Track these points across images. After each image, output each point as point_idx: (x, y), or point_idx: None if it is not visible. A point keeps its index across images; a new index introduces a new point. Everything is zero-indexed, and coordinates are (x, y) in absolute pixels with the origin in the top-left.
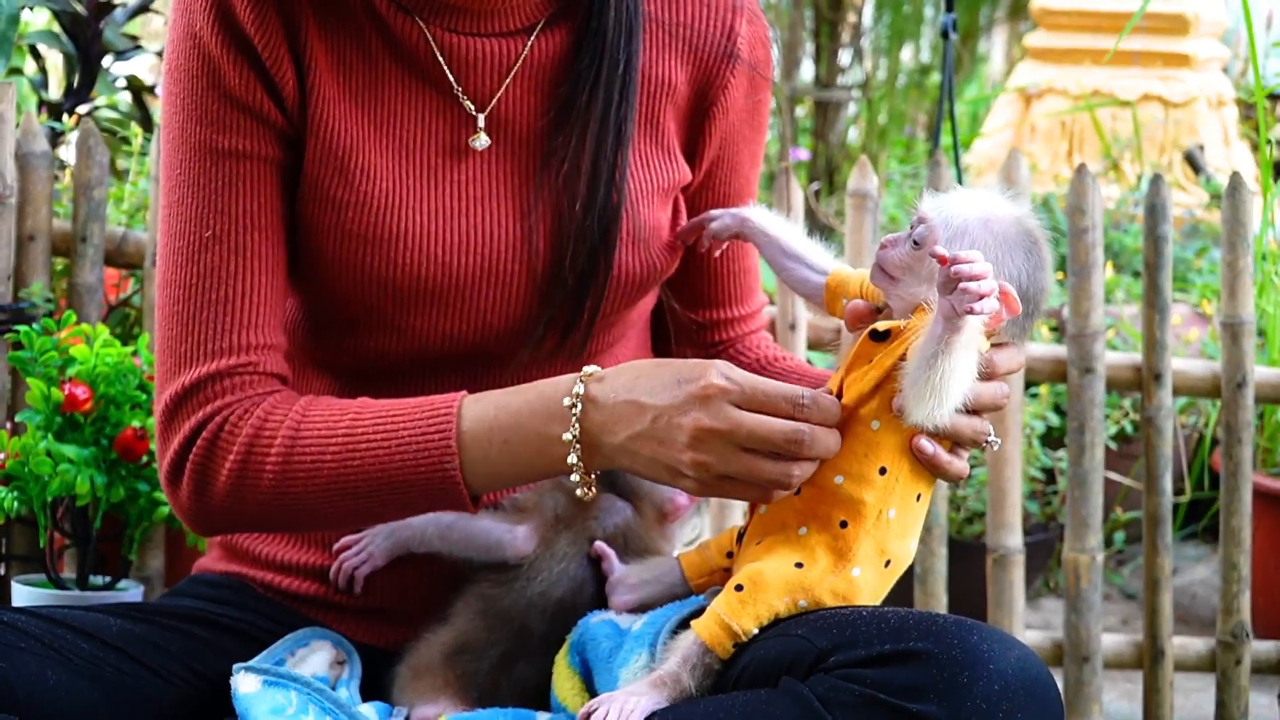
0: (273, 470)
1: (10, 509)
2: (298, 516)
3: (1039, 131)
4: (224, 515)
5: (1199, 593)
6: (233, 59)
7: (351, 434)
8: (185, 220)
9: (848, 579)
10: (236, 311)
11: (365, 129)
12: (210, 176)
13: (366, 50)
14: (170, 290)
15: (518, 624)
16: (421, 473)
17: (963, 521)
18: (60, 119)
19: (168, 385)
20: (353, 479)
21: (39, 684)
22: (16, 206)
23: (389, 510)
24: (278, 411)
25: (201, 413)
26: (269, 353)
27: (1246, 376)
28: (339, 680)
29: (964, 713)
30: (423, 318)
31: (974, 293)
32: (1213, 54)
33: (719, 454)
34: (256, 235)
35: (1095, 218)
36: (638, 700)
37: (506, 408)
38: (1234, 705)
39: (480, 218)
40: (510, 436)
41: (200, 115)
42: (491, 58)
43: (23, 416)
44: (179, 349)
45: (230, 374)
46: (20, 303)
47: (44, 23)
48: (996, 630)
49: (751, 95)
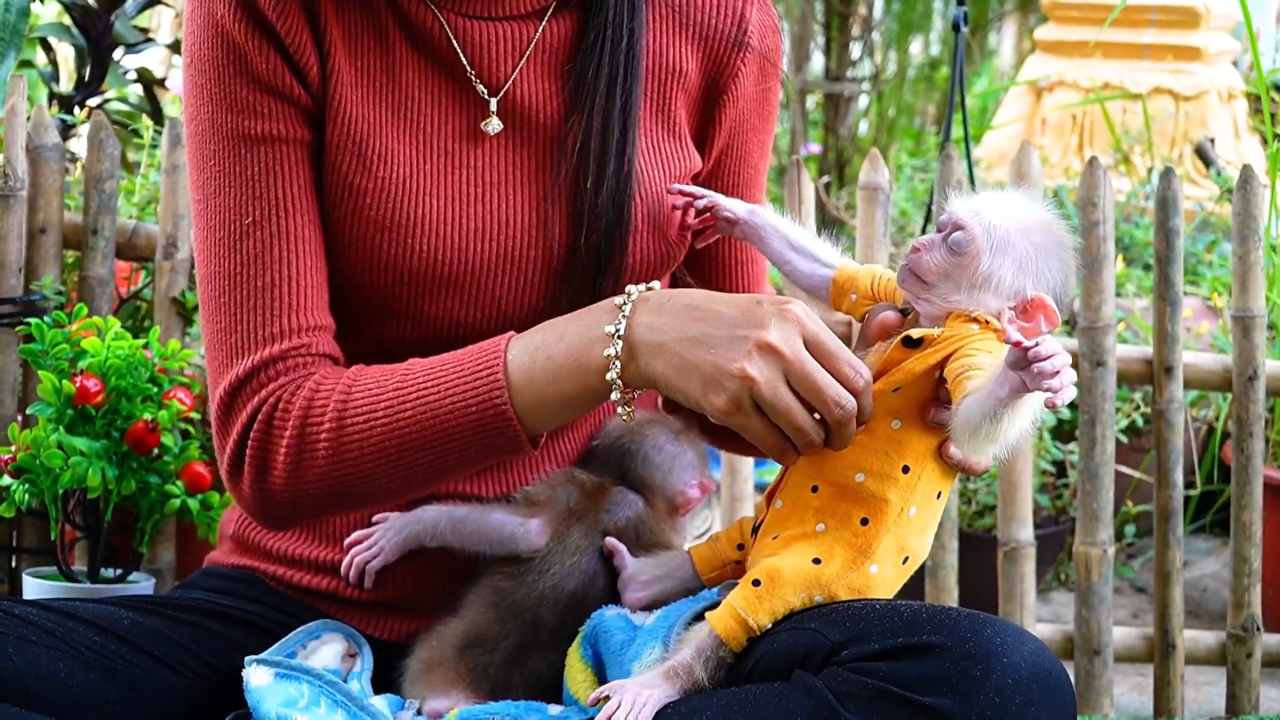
0: (327, 440)
1: (22, 501)
2: (357, 486)
3: (1049, 124)
4: (287, 499)
5: (1210, 586)
6: (257, 43)
7: (401, 388)
8: (224, 210)
9: (865, 575)
10: (285, 295)
11: (382, 114)
12: (246, 164)
13: (382, 34)
14: (214, 283)
15: (530, 617)
16: (472, 413)
17: (974, 515)
18: (71, 112)
19: (221, 378)
20: (406, 433)
21: (50, 676)
22: (28, 199)
23: (446, 464)
24: (327, 383)
25: (256, 399)
26: (320, 334)
27: (1258, 370)
28: (350, 673)
29: (977, 706)
30: (439, 305)
31: (1048, 373)
32: (1223, 47)
33: (768, 379)
34: (299, 218)
35: (1106, 211)
36: (650, 692)
37: (553, 326)
38: (1245, 698)
39: (497, 204)
40: (553, 350)
41: (230, 103)
42: (505, 42)
43: (34, 409)
44: (229, 340)
45: (284, 358)
46: (31, 295)
47: (54, 15)
48: (1010, 624)
49: (761, 83)
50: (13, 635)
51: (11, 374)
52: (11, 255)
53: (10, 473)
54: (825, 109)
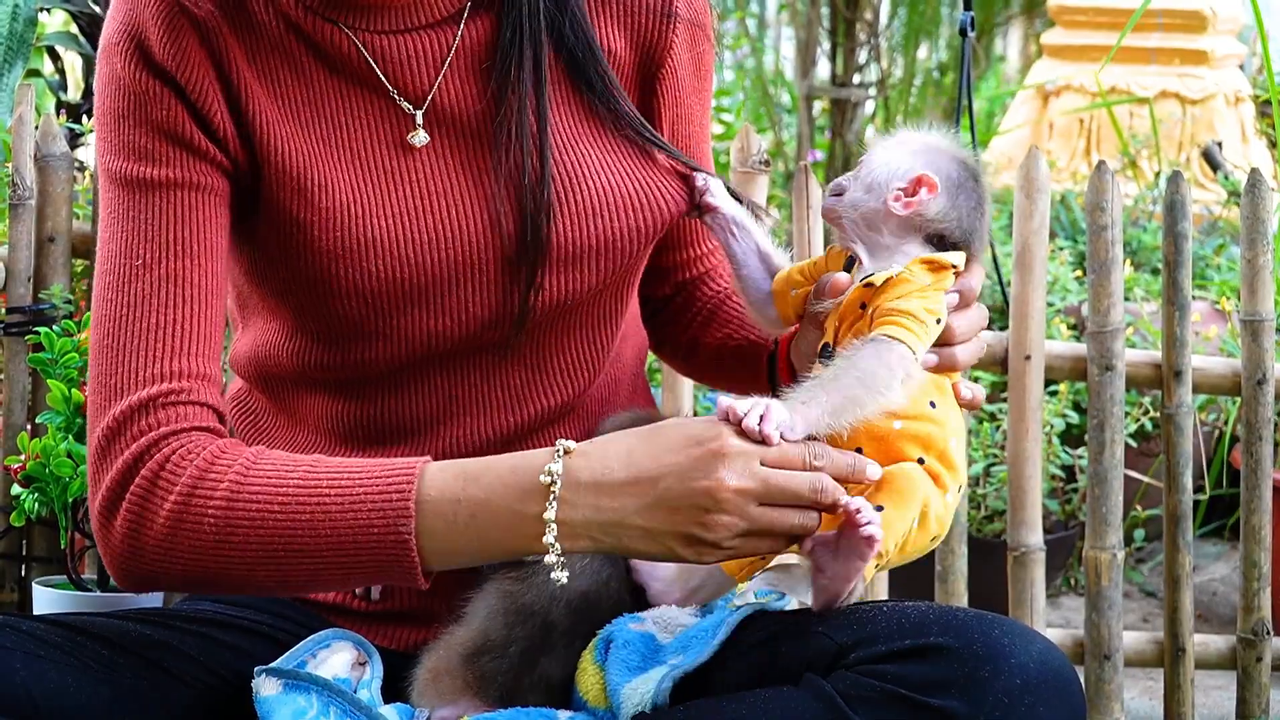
0: (214, 518)
1: (31, 510)
2: (233, 573)
3: (1057, 129)
4: (157, 560)
5: (1219, 590)
6: (155, 93)
7: (304, 485)
8: (115, 254)
9: (945, 504)
10: (167, 339)
11: (314, 145)
12: (140, 208)
13: (299, 68)
14: (101, 326)
15: (540, 619)
16: (374, 533)
17: (983, 520)
18: (79, 121)
19: (99, 419)
20: (300, 534)
21: (59, 691)
22: (36, 208)
23: (332, 575)
24: (226, 456)
25: (136, 445)
26: (202, 382)
27: (1267, 373)
28: (360, 682)
29: (986, 706)
30: (406, 320)
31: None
32: (1230, 51)
33: (743, 512)
34: (187, 262)
35: (1114, 215)
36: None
37: (477, 480)
38: (1255, 702)
39: (445, 211)
40: (478, 511)
41: (128, 151)
42: (424, 52)
43: (43, 418)
44: (110, 381)
45: (162, 401)
46: (40, 304)
47: (61, 24)
48: (1017, 623)
49: (694, 48)
50: (20, 650)
51: (21, 383)
52: (20, 264)
53: (20, 482)
54: (832, 114)
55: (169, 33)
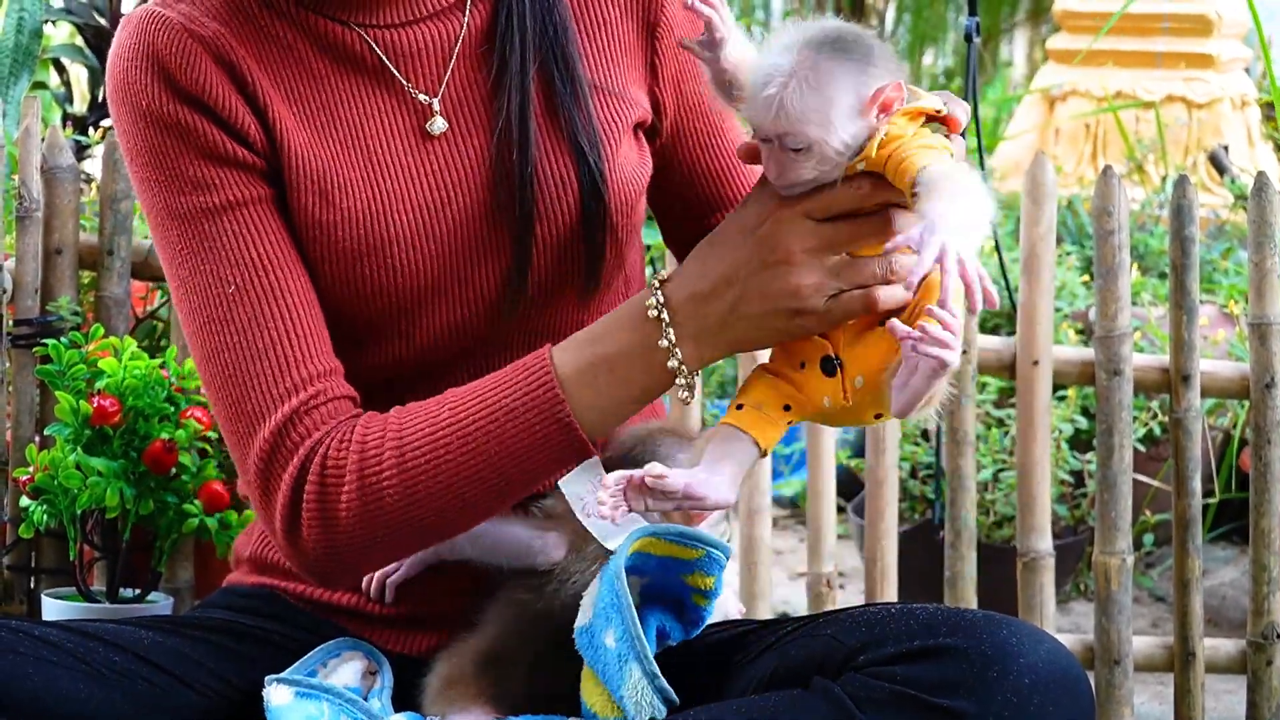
0: (392, 483)
1: (40, 522)
2: (429, 523)
3: (1063, 134)
4: (357, 550)
5: (1229, 594)
6: (190, 121)
7: (456, 421)
8: (203, 288)
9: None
10: (286, 351)
11: (331, 147)
12: (213, 237)
13: (311, 72)
14: (215, 360)
15: (551, 628)
16: (538, 431)
17: (992, 525)
18: (85, 133)
19: (248, 448)
20: (473, 463)
21: (71, 697)
22: (43, 220)
23: (514, 484)
24: (373, 429)
25: (295, 461)
26: (332, 378)
27: (1275, 377)
28: (371, 691)
29: (995, 707)
30: (431, 314)
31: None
32: (1236, 55)
33: (821, 267)
34: (278, 274)
35: (1121, 219)
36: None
37: (599, 340)
38: (1265, 706)
39: (463, 201)
40: (614, 365)
41: (180, 185)
42: (433, 41)
43: (52, 430)
44: (245, 409)
45: (303, 411)
46: (48, 316)
47: (66, 36)
48: (1025, 624)
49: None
50: (33, 656)
51: (29, 395)
52: (28, 276)
53: (29, 494)
54: None
55: (186, 58)
